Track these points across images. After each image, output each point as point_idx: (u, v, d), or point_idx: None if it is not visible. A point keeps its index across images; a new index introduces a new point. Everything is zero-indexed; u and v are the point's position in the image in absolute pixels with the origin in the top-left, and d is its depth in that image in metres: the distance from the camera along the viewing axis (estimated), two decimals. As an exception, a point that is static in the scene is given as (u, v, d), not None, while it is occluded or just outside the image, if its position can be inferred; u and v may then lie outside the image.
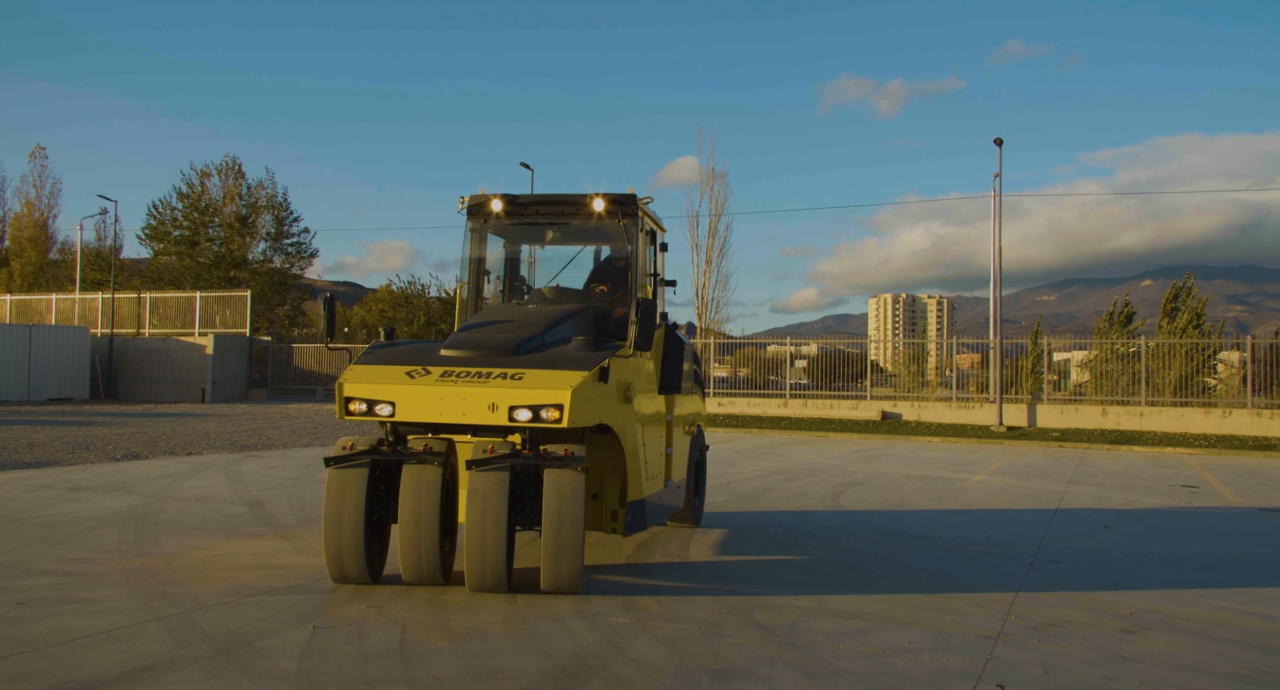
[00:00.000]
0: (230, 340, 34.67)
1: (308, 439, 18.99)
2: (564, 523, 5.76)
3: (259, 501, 10.35)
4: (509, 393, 5.75)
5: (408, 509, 5.86)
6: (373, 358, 6.31)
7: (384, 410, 5.87)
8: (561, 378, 5.87)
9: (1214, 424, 23.18)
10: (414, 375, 5.99)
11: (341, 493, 5.94)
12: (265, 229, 46.73)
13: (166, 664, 4.69)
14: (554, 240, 8.38)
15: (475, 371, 5.95)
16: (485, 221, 7.89)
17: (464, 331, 6.60)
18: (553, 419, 5.70)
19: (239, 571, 6.80)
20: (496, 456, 5.83)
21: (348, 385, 5.97)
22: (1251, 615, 6.29)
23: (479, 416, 5.78)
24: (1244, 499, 12.57)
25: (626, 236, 7.70)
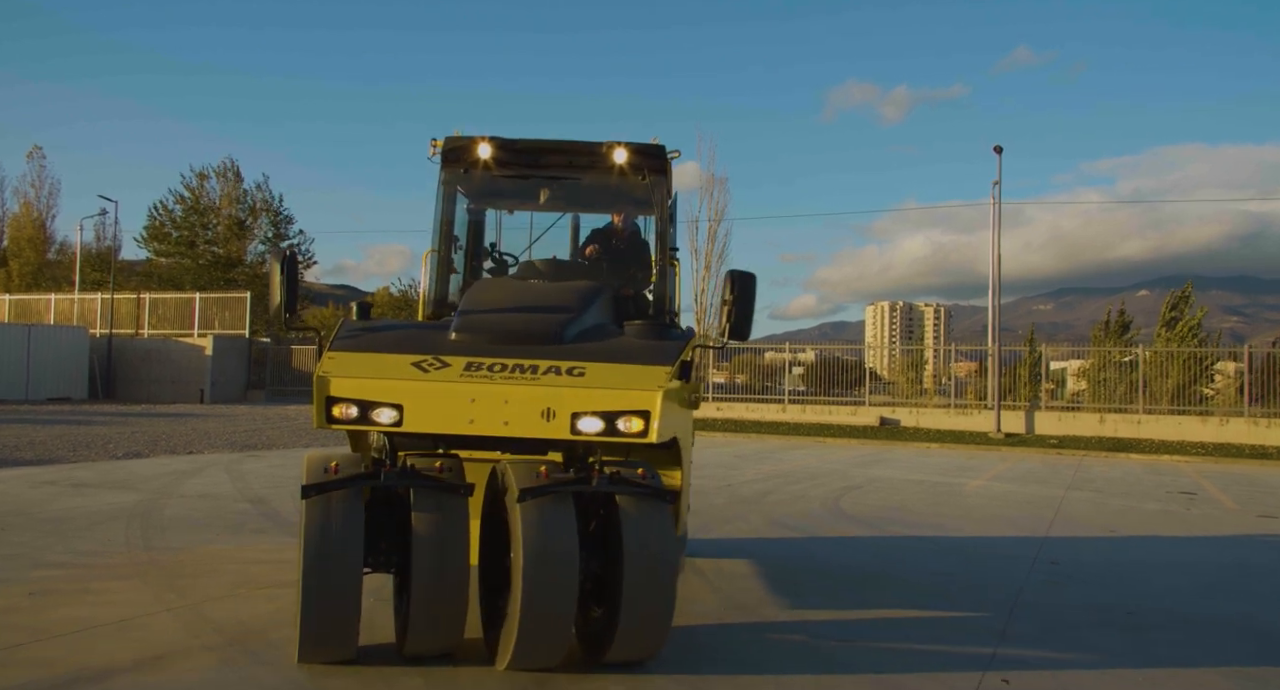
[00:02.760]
0: (229, 341, 34.69)
1: (308, 440, 19.01)
2: (655, 571, 4.25)
3: (262, 499, 10.38)
4: (570, 394, 4.25)
5: (426, 556, 4.22)
6: (357, 342, 4.52)
7: (386, 417, 4.16)
8: (639, 374, 4.40)
9: (1211, 432, 23.28)
10: (426, 368, 4.33)
11: (326, 533, 4.13)
12: (263, 232, 46.77)
13: (180, 652, 4.74)
14: (550, 203, 6.64)
15: (515, 364, 4.37)
16: (465, 173, 6.09)
17: (477, 314, 4.90)
18: (634, 431, 4.23)
19: (247, 566, 6.84)
20: (559, 482, 4.26)
21: (334, 381, 4.20)
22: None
23: (527, 426, 4.22)
24: (1242, 507, 12.64)
25: (652, 197, 6.06)
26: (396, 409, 4.19)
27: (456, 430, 4.26)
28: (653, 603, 4.29)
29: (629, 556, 4.24)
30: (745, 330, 4.92)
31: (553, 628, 4.19)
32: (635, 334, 4.88)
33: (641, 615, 4.29)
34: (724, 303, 4.91)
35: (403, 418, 4.20)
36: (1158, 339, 27.83)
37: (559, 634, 4.23)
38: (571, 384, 4.31)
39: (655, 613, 4.31)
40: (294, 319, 4.86)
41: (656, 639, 4.42)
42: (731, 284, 4.90)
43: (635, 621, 4.29)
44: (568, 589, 4.16)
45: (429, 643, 4.42)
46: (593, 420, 4.23)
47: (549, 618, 4.17)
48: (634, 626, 4.30)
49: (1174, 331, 27.80)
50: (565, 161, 6.13)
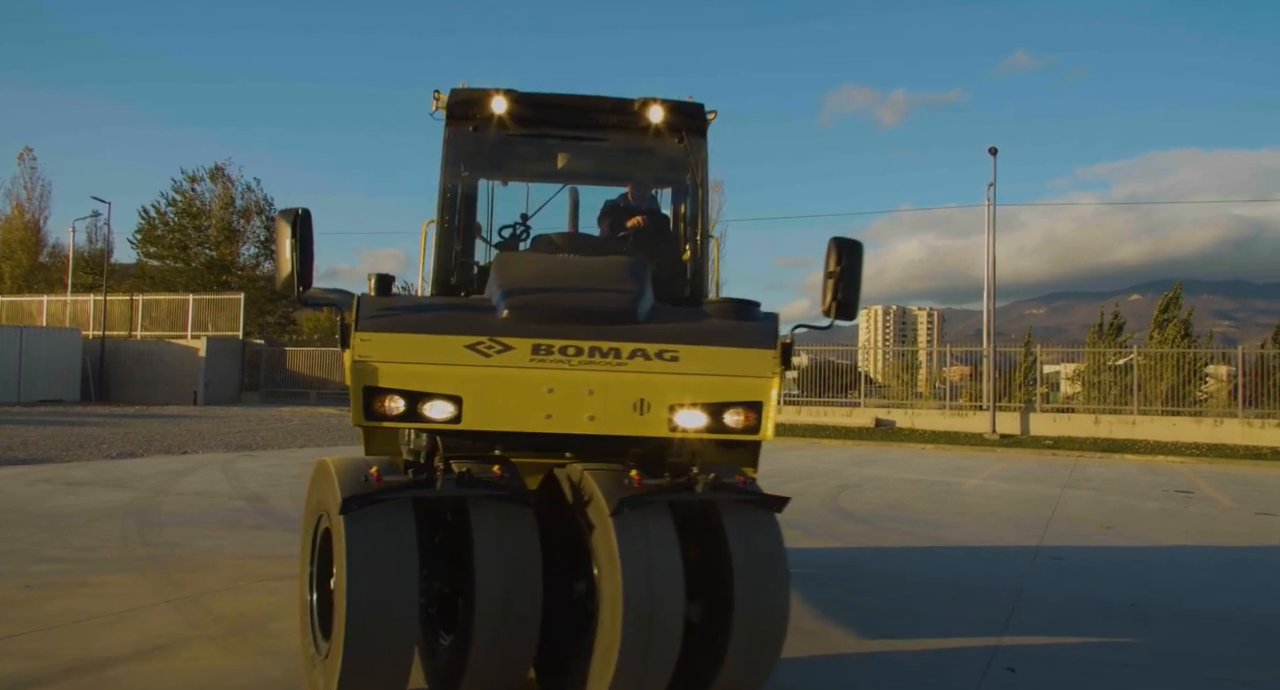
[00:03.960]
0: (223, 343, 34.56)
1: (303, 440, 18.94)
2: (768, 594, 3.61)
3: (259, 496, 10.32)
4: (666, 383, 3.62)
5: (492, 581, 3.44)
6: (393, 321, 3.70)
7: (441, 412, 3.49)
8: (743, 358, 3.75)
9: (1205, 433, 23.34)
10: (485, 351, 3.59)
11: (376, 558, 3.31)
12: (255, 235, 46.62)
13: (180, 643, 4.70)
14: (568, 169, 5.73)
15: (591, 347, 3.66)
16: (475, 131, 5.11)
17: (525, 291, 4.03)
18: (743, 426, 3.66)
19: (246, 560, 6.80)
20: (659, 489, 3.55)
21: (377, 368, 3.49)
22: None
23: (616, 421, 3.59)
24: (1239, 505, 12.67)
25: (689, 162, 5.21)
26: (454, 402, 3.48)
27: (529, 426, 3.55)
28: (765, 631, 3.60)
29: (740, 577, 3.54)
30: (854, 307, 4.12)
31: (655, 659, 3.42)
32: (717, 313, 4.12)
33: (751, 646, 3.59)
34: (828, 276, 4.11)
35: (462, 413, 3.47)
36: (1150, 341, 27.92)
37: (663, 667, 3.46)
38: (666, 370, 3.65)
39: (767, 643, 3.62)
40: (307, 293, 3.92)
41: (765, 672, 3.70)
42: (837, 253, 4.09)
43: (744, 654, 3.57)
44: (675, 620, 3.41)
45: (491, 682, 3.55)
46: (694, 414, 3.62)
47: (652, 658, 3.40)
48: (742, 660, 3.59)
49: (1166, 333, 27.89)
50: (590, 120, 5.23)
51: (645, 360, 3.67)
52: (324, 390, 35.91)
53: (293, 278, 3.82)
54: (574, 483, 3.70)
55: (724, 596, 3.57)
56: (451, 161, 5.13)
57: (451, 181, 5.11)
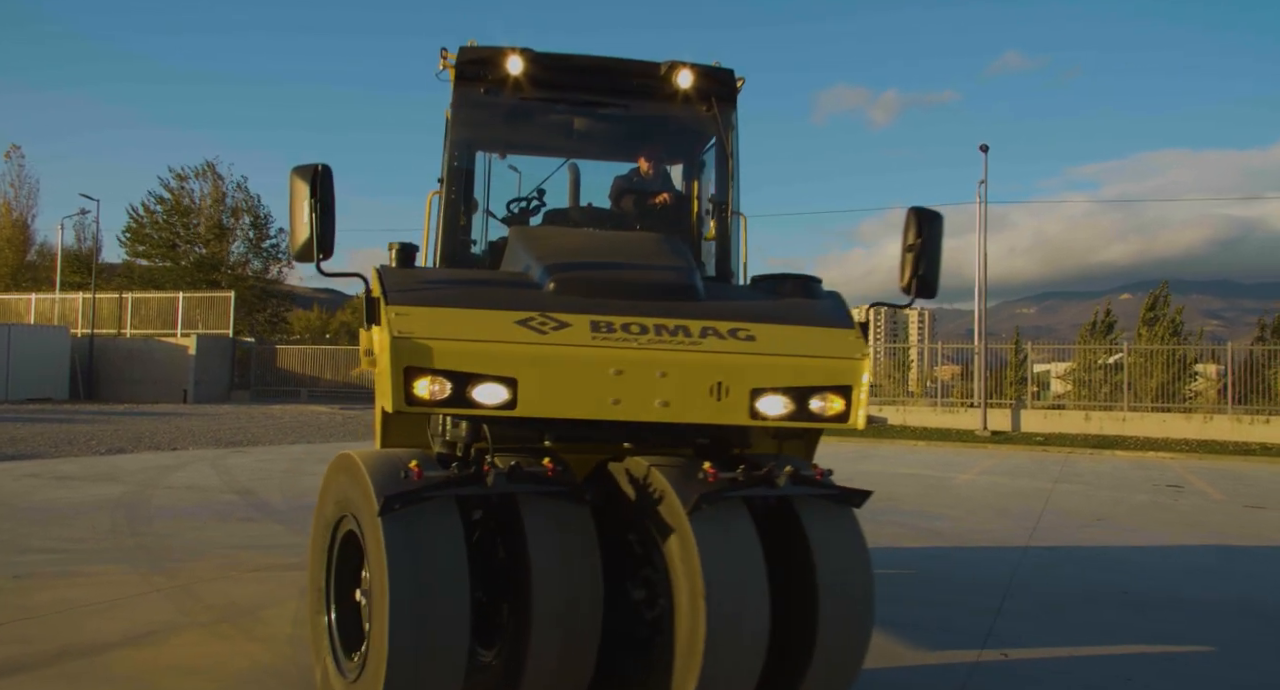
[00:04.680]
0: (213, 341, 34.41)
1: (293, 436, 18.87)
2: (854, 599, 3.28)
3: (249, 490, 10.28)
4: (747, 364, 3.26)
5: (551, 589, 3.05)
6: (427, 295, 3.33)
7: (493, 396, 3.06)
8: (827, 338, 3.45)
9: (1195, 429, 23.44)
10: (540, 327, 3.19)
11: (422, 564, 2.91)
12: (244, 232, 46.43)
13: (170, 629, 4.67)
14: (585, 139, 5.28)
15: (656, 324, 3.30)
16: (486, 94, 4.68)
17: (576, 266, 3.67)
18: (833, 413, 3.32)
19: (236, 550, 6.76)
20: (736, 484, 3.16)
21: (420, 345, 3.04)
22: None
23: (693, 408, 3.21)
24: (1229, 498, 12.72)
25: (719, 131, 4.82)
26: (508, 386, 3.05)
27: (593, 413, 3.13)
28: (850, 640, 3.26)
29: (824, 581, 3.20)
30: (935, 283, 3.74)
31: (741, 686, 3.10)
32: (779, 290, 3.81)
33: (835, 658, 3.24)
34: (907, 249, 3.72)
35: (517, 398, 3.05)
36: (1139, 339, 28.04)
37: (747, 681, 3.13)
38: (744, 350, 3.29)
39: (851, 653, 3.28)
40: (328, 260, 3.35)
41: (848, 685, 3.36)
42: (916, 224, 3.71)
43: (826, 667, 3.23)
44: (760, 629, 3.08)
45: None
46: (778, 399, 3.24)
47: (738, 673, 3.07)
48: (824, 671, 3.24)
49: (1154, 330, 28.02)
50: (613, 84, 4.78)
51: (719, 339, 3.30)
52: (315, 388, 35.81)
53: (311, 243, 3.29)
54: (636, 478, 3.29)
55: (807, 602, 3.21)
56: (459, 125, 4.68)
57: (459, 149, 4.69)
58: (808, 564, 3.22)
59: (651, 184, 5.01)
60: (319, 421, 23.84)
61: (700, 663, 2.97)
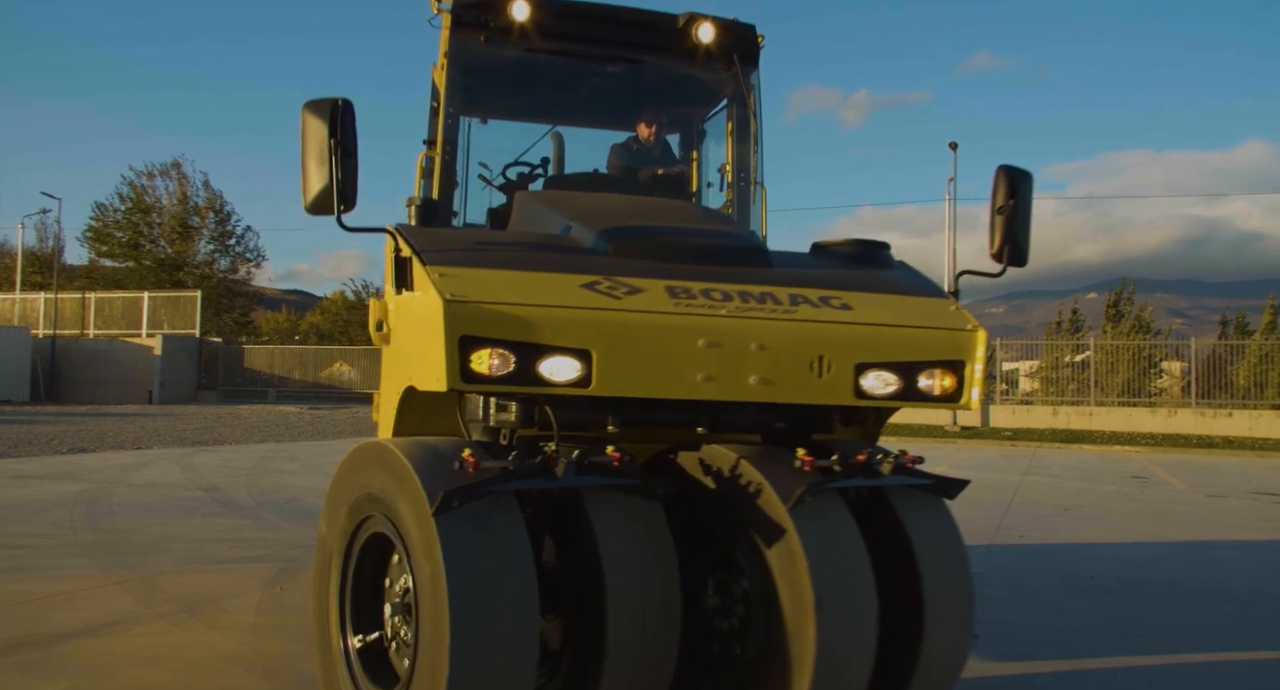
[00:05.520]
0: (179, 341, 33.92)
1: (261, 436, 18.64)
2: (958, 597, 2.97)
3: (215, 487, 10.12)
4: (850, 335, 2.91)
5: (627, 593, 2.65)
6: (475, 254, 2.89)
7: (564, 371, 2.64)
8: (929, 308, 3.14)
9: (1160, 423, 23.79)
10: (611, 292, 2.78)
11: (486, 570, 2.49)
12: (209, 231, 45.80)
13: (130, 620, 4.58)
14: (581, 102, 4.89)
15: (740, 291, 2.92)
16: (486, 43, 4.19)
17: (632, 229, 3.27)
18: (943, 391, 2.99)
19: (200, 544, 6.65)
20: (833, 473, 2.82)
21: (476, 310, 2.58)
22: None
23: (791, 387, 2.84)
24: (1191, 488, 12.91)
25: (743, 92, 4.42)
26: (582, 359, 2.62)
27: (680, 392, 2.73)
28: (954, 645, 2.97)
29: (927, 580, 2.89)
30: (1026, 250, 3.38)
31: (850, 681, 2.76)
32: (850, 256, 3.45)
33: (938, 665, 2.94)
34: (997, 211, 3.32)
35: (592, 374, 2.63)
36: (1104, 334, 28.42)
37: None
38: (845, 320, 2.93)
39: (954, 660, 2.99)
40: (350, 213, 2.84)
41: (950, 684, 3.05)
42: (1007, 184, 3.33)
43: (933, 667, 2.93)
44: (870, 634, 2.75)
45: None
46: (884, 376, 2.90)
47: (848, 680, 2.73)
48: (930, 674, 2.95)
49: (1119, 327, 28.42)
50: (627, 37, 4.35)
51: (813, 308, 2.92)
52: (283, 389, 35.42)
53: (331, 192, 2.78)
54: (717, 469, 2.93)
55: (908, 603, 2.89)
56: (454, 75, 4.16)
57: (453, 104, 4.16)
58: (907, 561, 2.90)
59: (656, 152, 4.64)
60: (287, 421, 23.57)
61: (811, 674, 2.61)
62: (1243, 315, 29.41)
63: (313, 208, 2.83)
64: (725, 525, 2.92)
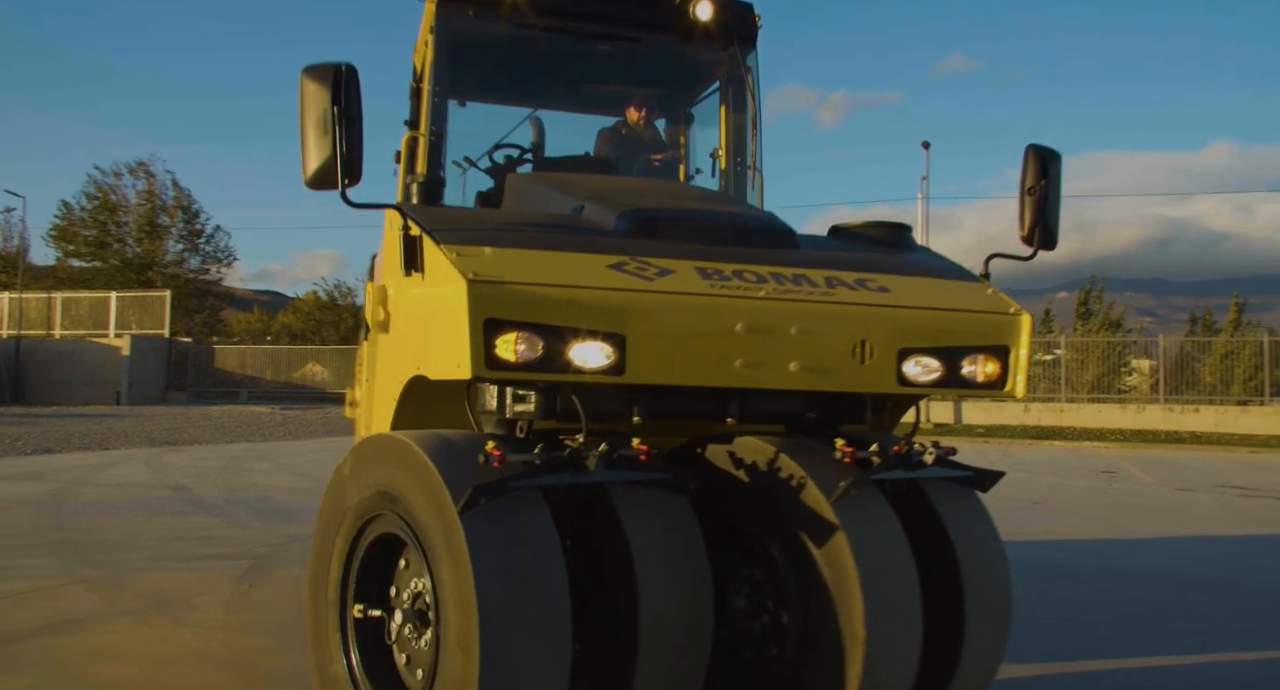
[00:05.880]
0: (148, 342, 33.45)
1: (232, 436, 18.41)
2: (996, 590, 2.88)
3: (184, 486, 9.97)
4: (892, 318, 2.77)
5: (662, 595, 2.48)
6: (482, 234, 2.69)
7: (595, 357, 2.45)
8: (965, 291, 3.02)
9: (1129, 419, 24.09)
10: (640, 272, 2.62)
11: (518, 572, 2.31)
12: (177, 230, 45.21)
13: (94, 618, 4.49)
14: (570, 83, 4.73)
15: (772, 272, 2.76)
16: (475, 17, 4.04)
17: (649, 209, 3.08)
18: (987, 378, 2.85)
19: (168, 542, 6.54)
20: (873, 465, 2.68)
21: (526, 291, 2.43)
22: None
23: (831, 373, 2.70)
24: (1160, 482, 13.08)
25: (737, 73, 4.31)
26: (615, 344, 2.45)
27: (715, 379, 2.59)
28: (993, 640, 2.87)
29: (967, 575, 2.79)
30: (1056, 233, 3.21)
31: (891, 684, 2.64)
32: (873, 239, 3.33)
33: (977, 663, 2.84)
34: (1027, 192, 3.16)
35: (625, 360, 2.46)
36: (1074, 332, 28.76)
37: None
38: (884, 302, 2.78)
39: (993, 657, 2.90)
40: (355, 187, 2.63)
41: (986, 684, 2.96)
42: (1037, 164, 3.17)
43: (972, 667, 2.83)
44: (916, 631, 2.64)
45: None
46: (927, 362, 2.77)
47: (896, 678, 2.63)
48: (969, 675, 2.84)
49: (1089, 325, 28.77)
50: (623, 14, 4.21)
51: (850, 290, 2.78)
52: (255, 389, 35.05)
53: (334, 165, 2.57)
54: (752, 462, 2.76)
55: (950, 597, 2.78)
56: (441, 49, 3.93)
57: (440, 80, 3.92)
58: (946, 556, 2.79)
59: (646, 137, 4.50)
60: (259, 421, 23.32)
61: (859, 684, 2.49)
62: (1209, 313, 29.89)
63: (314, 182, 2.63)
64: (757, 521, 2.77)
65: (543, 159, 4.48)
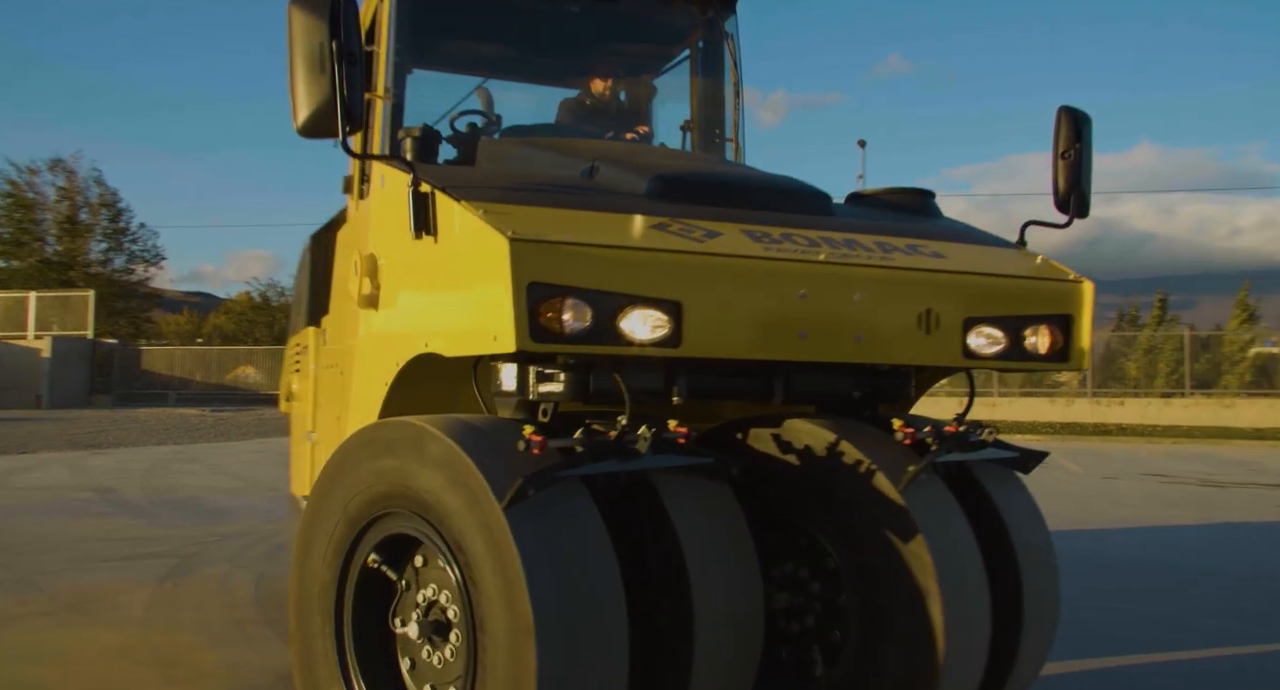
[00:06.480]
0: (70, 343, 32.29)
1: (160, 438, 17.86)
2: (1048, 573, 2.79)
3: (108, 488, 9.63)
4: (955, 285, 2.57)
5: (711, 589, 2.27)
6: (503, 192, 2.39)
7: (650, 327, 2.18)
8: (1015, 258, 2.86)
9: (1058, 412, 24.78)
10: (689, 234, 2.35)
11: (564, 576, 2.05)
12: (101, 228, 43.75)
13: (7, 620, 4.31)
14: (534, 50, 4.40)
15: (822, 236, 2.53)
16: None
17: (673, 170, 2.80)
18: (1049, 349, 2.66)
19: (90, 543, 6.30)
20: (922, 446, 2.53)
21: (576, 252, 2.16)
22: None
23: (894, 344, 2.50)
24: (1087, 471, 13.46)
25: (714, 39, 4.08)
26: (671, 313, 2.18)
27: (774, 351, 2.35)
28: (1049, 618, 2.75)
29: (1022, 557, 2.67)
30: (1089, 199, 3.00)
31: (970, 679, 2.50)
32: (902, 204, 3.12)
33: (1038, 638, 2.72)
34: (1060, 157, 2.94)
35: (682, 330, 2.19)
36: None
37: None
38: (948, 268, 2.57)
39: (1048, 634, 2.78)
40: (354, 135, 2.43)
41: (1038, 670, 2.84)
42: (1071, 127, 2.95)
43: (1031, 653, 2.71)
44: (986, 618, 2.49)
45: None
46: (991, 332, 2.57)
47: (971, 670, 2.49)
48: (1028, 661, 2.72)
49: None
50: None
51: (906, 256, 2.54)
52: (185, 392, 34.09)
53: (331, 109, 2.29)
54: (803, 446, 2.55)
55: (1008, 583, 2.63)
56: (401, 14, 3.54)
57: (401, 37, 3.51)
58: (1001, 541, 2.65)
59: (613, 109, 4.19)
60: (189, 423, 22.68)
61: (940, 678, 2.35)
62: (1135, 310, 30.93)
63: (307, 129, 2.34)
64: (806, 507, 2.58)
65: (509, 129, 4.09)
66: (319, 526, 2.50)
